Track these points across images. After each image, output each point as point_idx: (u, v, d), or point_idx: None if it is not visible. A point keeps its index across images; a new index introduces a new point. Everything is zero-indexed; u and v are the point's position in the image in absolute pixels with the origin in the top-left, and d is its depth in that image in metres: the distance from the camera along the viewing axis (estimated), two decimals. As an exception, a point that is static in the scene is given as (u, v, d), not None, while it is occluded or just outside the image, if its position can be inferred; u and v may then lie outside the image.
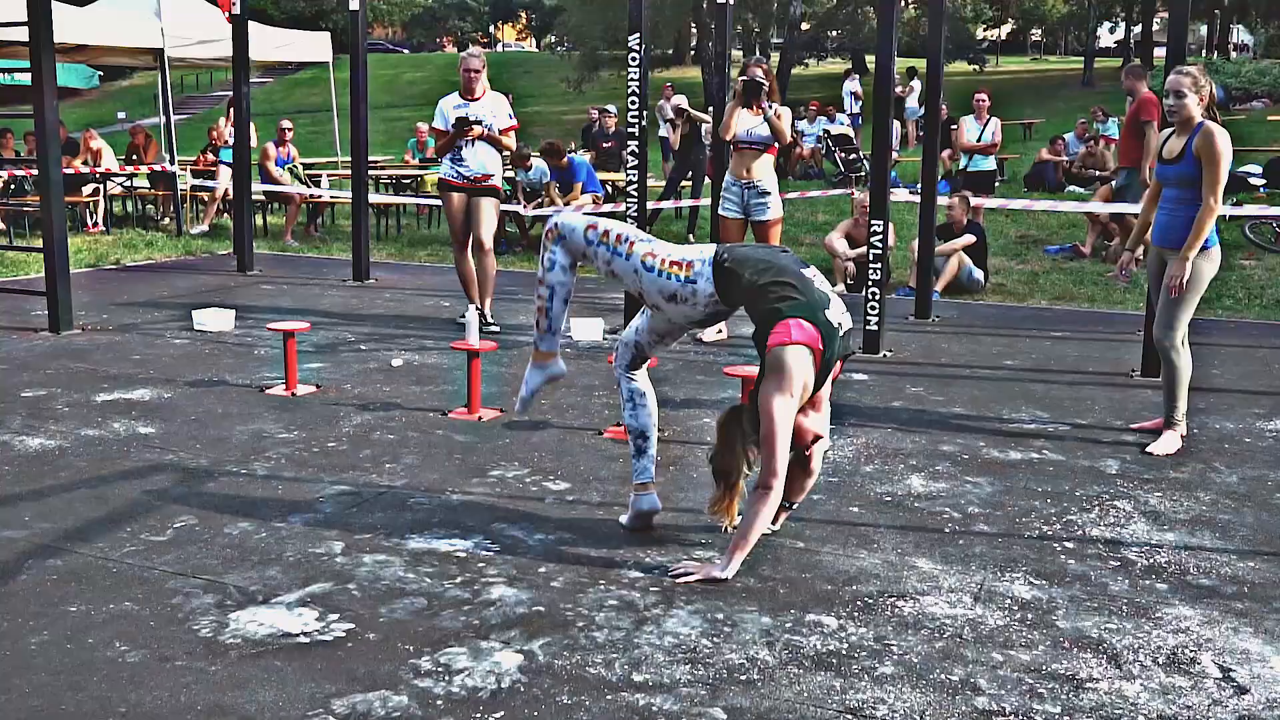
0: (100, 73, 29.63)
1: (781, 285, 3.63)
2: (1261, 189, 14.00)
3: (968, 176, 11.83)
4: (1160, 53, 29.92)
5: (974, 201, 10.39)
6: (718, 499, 3.77)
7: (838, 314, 3.67)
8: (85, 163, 13.36)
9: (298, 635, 3.22)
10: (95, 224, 13.21)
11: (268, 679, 2.96)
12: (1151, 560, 3.87)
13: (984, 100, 12.06)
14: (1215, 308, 8.74)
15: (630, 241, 3.84)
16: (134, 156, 14.26)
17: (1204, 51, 40.84)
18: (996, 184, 13.07)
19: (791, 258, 3.76)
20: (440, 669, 3.03)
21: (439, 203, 8.86)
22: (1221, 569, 3.81)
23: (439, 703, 2.86)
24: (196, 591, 3.49)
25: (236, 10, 9.91)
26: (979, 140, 11.90)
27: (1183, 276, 4.99)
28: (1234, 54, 41.43)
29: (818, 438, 3.83)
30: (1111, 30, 51.44)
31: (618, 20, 27.53)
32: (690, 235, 12.63)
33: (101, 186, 13.34)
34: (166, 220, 13.84)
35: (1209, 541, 4.06)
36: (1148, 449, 5.12)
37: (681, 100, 12.81)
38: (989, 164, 12.15)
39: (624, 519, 4.09)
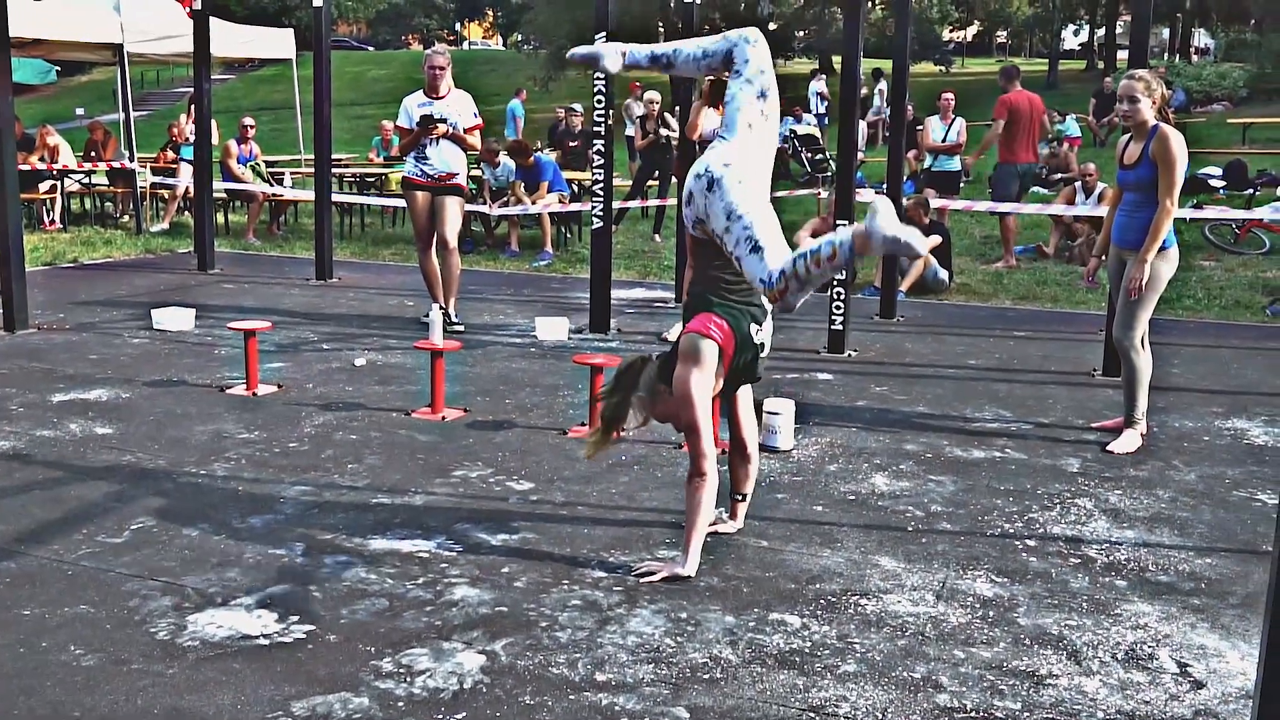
0: (58, 68, 29.26)
1: (731, 286, 3.68)
2: (1221, 191, 14.16)
3: (932, 176, 11.87)
4: (1123, 55, 30.24)
5: (939, 203, 10.44)
6: (594, 441, 3.81)
7: (764, 334, 3.76)
8: (42, 159, 13.19)
9: (257, 637, 3.18)
10: (52, 221, 13.05)
11: (226, 681, 2.93)
12: (1111, 557, 3.90)
13: (949, 100, 12.12)
14: (1175, 308, 8.83)
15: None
16: (92, 153, 14.09)
17: (1166, 54, 41.33)
18: (961, 184, 13.13)
19: None
20: (402, 670, 3.01)
21: (403, 203, 8.81)
22: (1179, 566, 3.85)
23: (400, 704, 2.84)
24: (154, 594, 3.45)
25: (198, 5, 9.81)
26: (944, 140, 11.96)
27: (1142, 278, 5.04)
28: (1195, 57, 41.88)
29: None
30: (1076, 33, 51.93)
31: (585, 19, 27.49)
32: (656, 235, 12.62)
33: (59, 183, 13.18)
34: (126, 218, 13.68)
35: (1168, 539, 4.10)
36: (1108, 447, 5.16)
37: (669, 119, 12.69)
38: (954, 164, 12.21)
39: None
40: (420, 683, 2.95)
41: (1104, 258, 5.54)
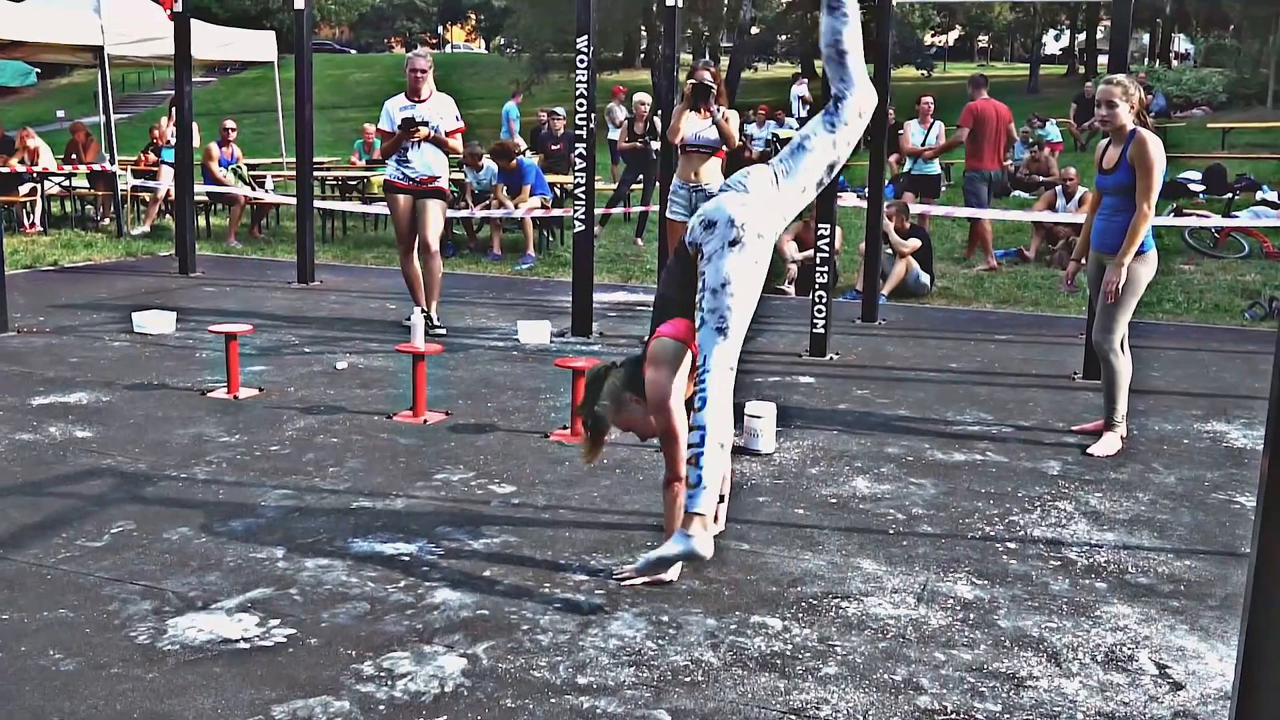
0: (38, 70, 29.08)
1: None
2: (1200, 195, 14.26)
3: (912, 180, 11.92)
4: (1104, 60, 30.43)
5: (920, 209, 10.48)
6: (586, 450, 3.81)
7: None
8: (22, 161, 13.11)
9: (238, 641, 3.17)
10: (32, 224, 12.97)
11: (206, 686, 2.92)
12: (1091, 560, 3.92)
13: (929, 104, 12.17)
14: (1155, 311, 8.88)
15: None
16: (73, 155, 14.02)
17: (1146, 59, 41.54)
18: (943, 188, 13.18)
19: None
20: (383, 674, 3.00)
21: (385, 207, 8.80)
22: (1159, 568, 3.87)
23: (381, 708, 2.84)
24: (134, 598, 3.43)
25: (179, 7, 9.77)
26: (923, 144, 12.01)
27: (1118, 282, 5.07)
28: (1175, 62, 42.16)
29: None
30: (1057, 38, 52.20)
31: (568, 22, 27.49)
32: (638, 239, 12.63)
33: (39, 186, 13.11)
34: (106, 221, 13.61)
35: (1147, 541, 4.12)
36: (1088, 450, 5.19)
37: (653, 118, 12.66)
38: (934, 168, 12.27)
39: None
40: (401, 686, 2.94)
41: (1083, 261, 5.56)
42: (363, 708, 2.83)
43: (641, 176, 13.10)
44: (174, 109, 10.72)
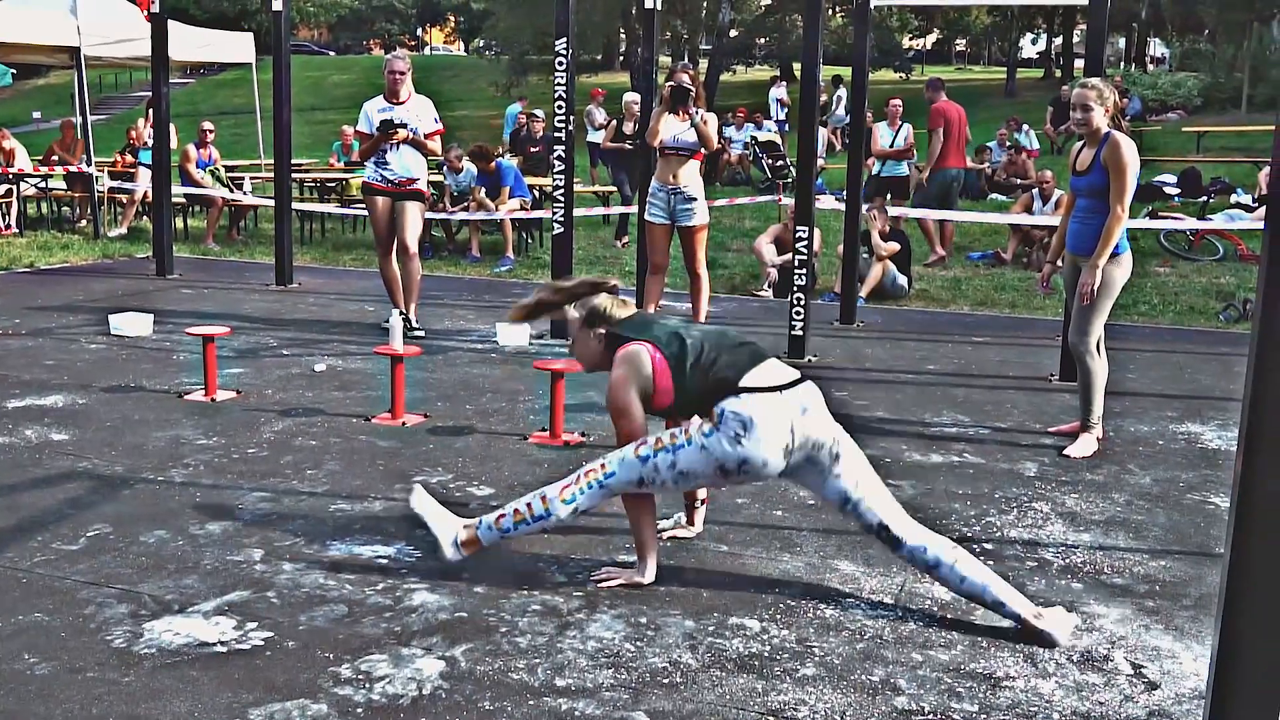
0: (14, 70, 28.89)
1: (654, 326, 3.68)
2: (1175, 198, 14.36)
3: (881, 182, 11.98)
4: (1081, 64, 30.59)
5: (896, 211, 10.53)
6: (520, 307, 3.81)
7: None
8: (-3, 163, 13.02)
9: (215, 644, 3.16)
10: (8, 225, 12.88)
11: (183, 689, 2.91)
12: (1068, 560, 3.95)
13: (897, 107, 12.27)
14: (1131, 313, 8.94)
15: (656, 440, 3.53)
16: (53, 157, 13.92)
17: (1122, 64, 41.82)
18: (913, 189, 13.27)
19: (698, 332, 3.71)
20: (361, 676, 3.00)
21: (363, 209, 8.78)
22: (1134, 568, 3.90)
23: (359, 710, 2.83)
24: (110, 601, 3.42)
25: (155, 8, 9.72)
26: (891, 146, 12.11)
27: (1093, 284, 5.10)
28: (1151, 66, 42.45)
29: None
30: (1034, 42, 52.49)
31: (547, 24, 27.47)
32: (618, 241, 12.64)
33: (15, 187, 13.01)
34: (83, 223, 13.53)
35: (1123, 542, 4.15)
36: (1065, 452, 5.22)
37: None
38: (903, 169, 12.36)
39: None
40: (379, 689, 2.94)
41: (1059, 264, 5.60)
42: (340, 711, 2.82)
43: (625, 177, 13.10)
44: (151, 110, 10.66)
